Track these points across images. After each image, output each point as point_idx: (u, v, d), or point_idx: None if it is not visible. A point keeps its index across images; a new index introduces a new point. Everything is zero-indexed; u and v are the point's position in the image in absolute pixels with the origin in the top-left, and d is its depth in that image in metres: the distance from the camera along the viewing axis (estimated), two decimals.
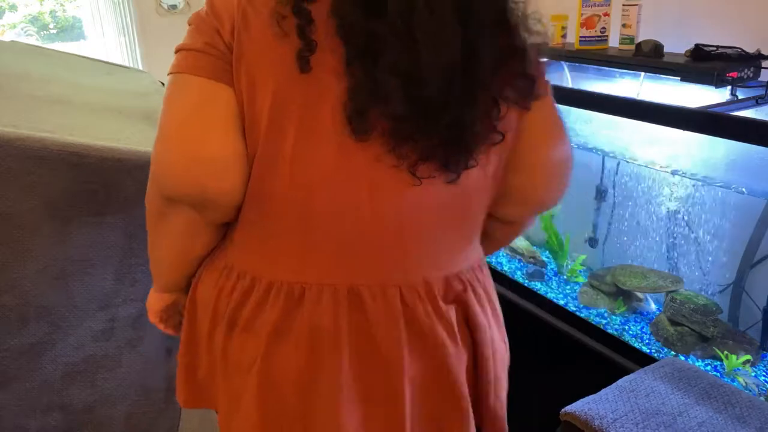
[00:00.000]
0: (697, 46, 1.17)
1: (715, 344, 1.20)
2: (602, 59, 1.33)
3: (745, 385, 1.12)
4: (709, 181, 1.21)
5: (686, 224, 1.33)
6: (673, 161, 1.25)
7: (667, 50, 1.24)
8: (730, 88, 1.13)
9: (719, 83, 1.10)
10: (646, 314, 1.38)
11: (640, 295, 1.41)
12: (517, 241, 1.67)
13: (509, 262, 1.64)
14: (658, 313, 1.35)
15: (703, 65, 1.14)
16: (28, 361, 1.11)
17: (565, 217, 1.60)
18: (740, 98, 1.13)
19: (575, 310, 1.40)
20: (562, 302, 1.43)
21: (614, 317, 1.37)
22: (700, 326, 1.22)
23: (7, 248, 1.02)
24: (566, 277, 1.54)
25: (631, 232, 1.47)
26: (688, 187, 1.28)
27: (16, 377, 1.11)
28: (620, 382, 0.94)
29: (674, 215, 1.35)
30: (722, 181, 1.19)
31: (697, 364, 1.19)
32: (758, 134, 0.96)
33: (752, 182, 1.16)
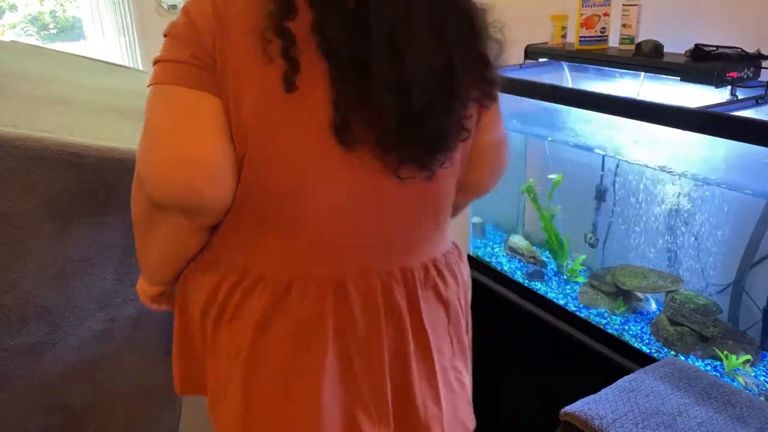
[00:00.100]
0: (697, 46, 1.17)
1: (715, 344, 1.20)
2: (602, 59, 1.33)
3: (745, 385, 1.12)
4: (709, 181, 1.21)
5: (686, 224, 1.33)
6: (673, 161, 1.25)
7: (667, 50, 1.24)
8: (730, 88, 1.13)
9: (719, 83, 1.10)
10: (646, 314, 1.38)
11: (640, 295, 1.41)
12: (517, 241, 1.67)
13: (509, 262, 1.64)
14: (658, 313, 1.35)
15: (703, 65, 1.14)
16: (28, 361, 1.11)
17: (565, 217, 1.60)
18: (740, 98, 1.13)
19: (575, 310, 1.40)
20: (562, 302, 1.43)
21: (614, 317, 1.37)
22: (700, 326, 1.22)
23: (7, 248, 1.02)
24: (566, 277, 1.54)
25: (631, 232, 1.47)
26: (687, 186, 1.28)
27: (16, 377, 1.11)
28: (620, 382, 0.94)
29: (674, 215, 1.35)
30: (722, 181, 1.19)
31: (697, 364, 1.19)
32: (758, 134, 0.96)
33: (752, 182, 1.16)
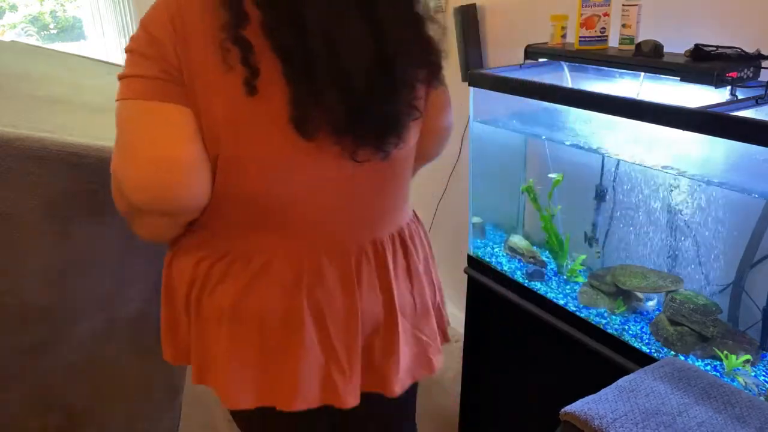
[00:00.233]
0: (696, 46, 1.17)
1: (714, 344, 1.20)
2: (602, 59, 1.33)
3: (744, 384, 1.12)
4: (708, 181, 1.21)
5: (685, 224, 1.33)
6: (672, 161, 1.25)
7: (666, 50, 1.24)
8: (729, 88, 1.13)
9: (719, 83, 1.10)
10: (645, 314, 1.38)
11: (640, 294, 1.41)
12: (517, 241, 1.67)
13: (509, 262, 1.64)
14: (657, 312, 1.35)
15: (702, 65, 1.14)
16: (28, 361, 1.11)
17: (565, 217, 1.60)
18: (740, 98, 1.13)
19: (575, 310, 1.40)
20: (562, 302, 1.43)
21: (614, 317, 1.37)
22: (699, 326, 1.22)
23: (6, 248, 1.02)
24: (566, 277, 1.54)
25: (630, 232, 1.47)
26: (687, 186, 1.28)
27: (16, 377, 1.11)
28: (620, 381, 0.94)
29: (674, 215, 1.35)
30: (722, 181, 1.19)
31: (696, 363, 1.19)
32: (758, 134, 0.96)
33: (752, 182, 1.16)
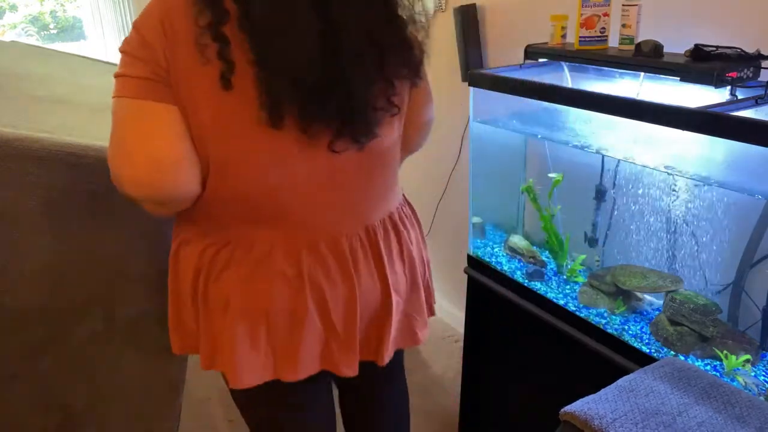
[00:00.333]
0: (696, 46, 1.17)
1: (714, 344, 1.20)
2: (602, 59, 1.33)
3: (744, 384, 1.12)
4: (708, 181, 1.21)
5: (685, 224, 1.33)
6: (672, 161, 1.25)
7: (666, 50, 1.24)
8: (729, 88, 1.13)
9: (719, 83, 1.10)
10: (645, 314, 1.38)
11: (639, 294, 1.41)
12: (517, 241, 1.67)
13: (509, 262, 1.64)
14: (657, 312, 1.35)
15: (702, 65, 1.14)
16: (28, 361, 1.11)
17: (565, 217, 1.60)
18: (740, 98, 1.13)
19: (575, 309, 1.40)
20: (561, 302, 1.43)
21: (614, 317, 1.37)
22: (699, 326, 1.22)
23: (6, 248, 1.02)
24: (566, 276, 1.54)
25: (630, 232, 1.47)
26: (687, 186, 1.28)
27: (16, 377, 1.11)
28: (620, 381, 0.94)
29: (673, 215, 1.35)
30: (722, 181, 1.19)
31: (696, 363, 1.19)
32: (758, 134, 0.96)
33: (752, 182, 1.16)
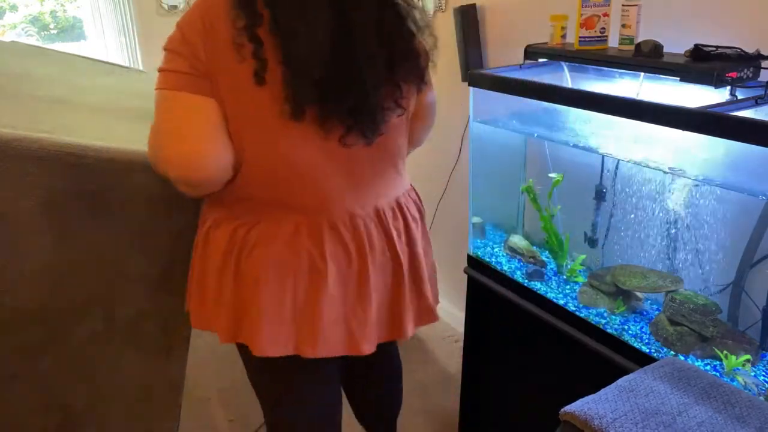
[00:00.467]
0: (696, 46, 1.17)
1: (714, 344, 1.20)
2: (602, 59, 1.33)
3: (744, 384, 1.12)
4: (708, 181, 1.21)
5: (685, 224, 1.33)
6: (672, 161, 1.25)
7: (666, 50, 1.24)
8: (729, 88, 1.13)
9: (719, 83, 1.10)
10: (645, 314, 1.38)
11: (639, 294, 1.41)
12: (517, 241, 1.67)
13: (509, 262, 1.64)
14: (657, 312, 1.35)
15: (702, 65, 1.14)
16: (27, 361, 1.11)
17: (565, 217, 1.60)
18: (740, 98, 1.13)
19: (575, 309, 1.40)
20: (561, 302, 1.43)
21: (614, 317, 1.37)
22: (699, 326, 1.22)
23: (6, 248, 1.02)
24: (566, 276, 1.54)
25: (630, 232, 1.47)
26: (687, 186, 1.28)
27: (15, 377, 1.11)
28: (620, 381, 0.94)
29: (673, 215, 1.35)
30: (722, 181, 1.19)
31: (696, 363, 1.19)
32: (758, 134, 0.96)
33: (752, 182, 1.16)
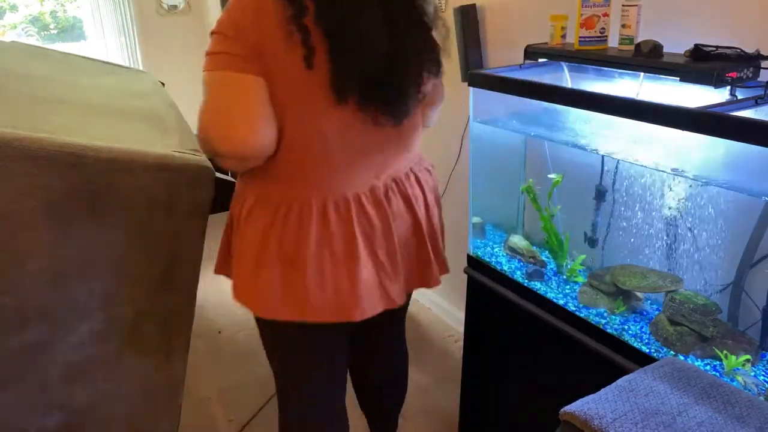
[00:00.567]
0: (696, 46, 1.18)
1: (714, 344, 1.21)
2: (601, 59, 1.33)
3: (744, 384, 1.12)
4: (708, 181, 1.21)
5: (685, 224, 1.33)
6: (672, 161, 1.25)
7: (666, 50, 1.24)
8: (729, 88, 1.13)
9: (718, 83, 1.10)
10: (645, 314, 1.38)
11: (639, 294, 1.41)
12: (517, 241, 1.67)
13: (509, 262, 1.64)
14: (657, 312, 1.35)
15: (702, 65, 1.14)
16: (28, 361, 1.11)
17: (565, 217, 1.61)
18: (739, 98, 1.13)
19: (575, 309, 1.40)
20: (561, 302, 1.43)
21: (614, 317, 1.37)
22: (699, 326, 1.22)
23: (6, 249, 1.02)
24: (566, 276, 1.54)
25: (630, 232, 1.47)
26: (687, 186, 1.28)
27: (16, 377, 1.11)
28: (620, 381, 0.94)
29: (673, 215, 1.35)
30: (722, 181, 1.19)
31: (696, 363, 1.19)
32: (758, 134, 0.96)
33: (752, 182, 1.16)
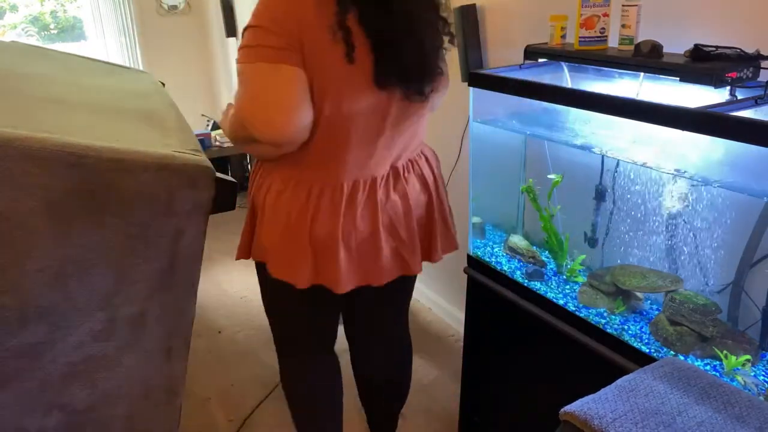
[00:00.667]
0: (696, 46, 1.18)
1: (714, 344, 1.21)
2: (601, 59, 1.33)
3: (744, 384, 1.12)
4: (708, 181, 1.21)
5: (685, 224, 1.33)
6: (672, 161, 1.25)
7: (666, 50, 1.24)
8: (729, 88, 1.13)
9: (718, 83, 1.10)
10: (645, 314, 1.38)
11: (639, 294, 1.41)
12: (516, 241, 1.67)
13: (509, 262, 1.64)
14: (657, 312, 1.35)
15: (702, 65, 1.14)
16: (28, 361, 1.11)
17: (565, 217, 1.61)
18: (739, 98, 1.13)
19: (575, 309, 1.40)
20: (561, 302, 1.43)
21: (613, 317, 1.37)
22: (699, 326, 1.22)
23: (6, 248, 1.02)
24: (566, 276, 1.54)
25: (630, 232, 1.47)
26: (687, 186, 1.28)
27: (16, 377, 1.11)
28: (619, 381, 0.94)
29: (673, 215, 1.35)
30: (722, 181, 1.19)
31: (696, 363, 1.19)
32: (758, 134, 0.96)
33: (752, 182, 1.16)
